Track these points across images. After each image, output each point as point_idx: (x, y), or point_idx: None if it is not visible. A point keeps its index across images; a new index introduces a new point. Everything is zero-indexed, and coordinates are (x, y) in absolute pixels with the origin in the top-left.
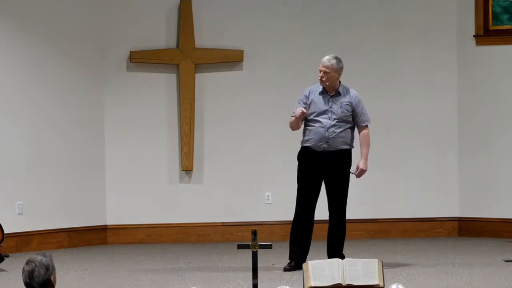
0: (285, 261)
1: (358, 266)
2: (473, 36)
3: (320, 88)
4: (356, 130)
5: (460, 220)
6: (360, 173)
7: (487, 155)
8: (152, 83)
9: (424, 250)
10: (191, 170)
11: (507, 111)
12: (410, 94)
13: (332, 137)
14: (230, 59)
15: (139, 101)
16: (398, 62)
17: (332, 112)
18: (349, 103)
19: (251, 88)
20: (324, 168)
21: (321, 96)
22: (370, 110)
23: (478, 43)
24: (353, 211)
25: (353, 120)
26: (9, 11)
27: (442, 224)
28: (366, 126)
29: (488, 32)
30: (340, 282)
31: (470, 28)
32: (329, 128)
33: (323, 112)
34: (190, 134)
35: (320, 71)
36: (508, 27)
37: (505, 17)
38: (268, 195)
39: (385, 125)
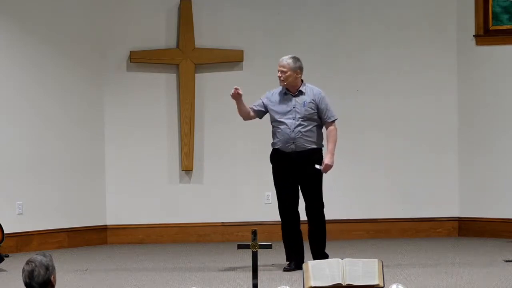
0: (285, 261)
1: (358, 266)
2: (473, 36)
3: (283, 89)
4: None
5: (460, 220)
6: (326, 168)
7: (487, 155)
8: (152, 83)
9: (424, 250)
10: (191, 170)
11: (507, 111)
12: (410, 94)
13: (298, 137)
14: (230, 59)
15: (139, 101)
16: (398, 62)
17: (296, 112)
18: (312, 101)
19: (251, 88)
20: (296, 169)
21: (284, 97)
22: (370, 110)
23: (478, 43)
24: (353, 211)
25: (319, 118)
26: (9, 11)
27: (442, 224)
28: (332, 122)
29: (488, 32)
30: (340, 282)
31: (470, 28)
32: (294, 128)
33: (288, 113)
34: (190, 134)
35: (278, 71)
36: (508, 27)
37: (505, 17)
38: (268, 195)
39: (385, 125)
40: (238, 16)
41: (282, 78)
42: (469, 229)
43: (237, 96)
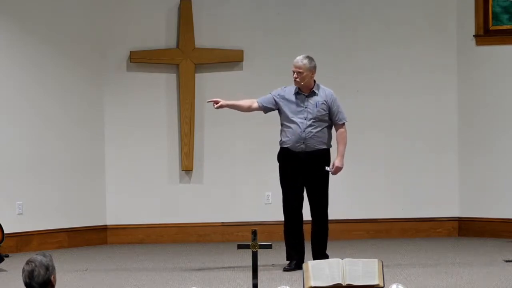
0: (285, 261)
1: (358, 266)
2: (473, 36)
3: (296, 88)
4: (333, 129)
5: (460, 220)
6: (336, 170)
7: (487, 155)
8: (152, 83)
9: (424, 250)
10: (191, 170)
11: (507, 111)
12: (410, 94)
13: (309, 138)
14: (230, 59)
15: (139, 101)
16: (398, 62)
17: (308, 112)
18: (324, 102)
19: (251, 88)
20: (303, 169)
21: (296, 96)
22: (370, 110)
23: (478, 43)
24: (353, 211)
25: (330, 119)
26: (9, 11)
27: (442, 224)
28: (343, 124)
29: (488, 32)
30: (340, 282)
31: (470, 28)
32: (305, 128)
33: (299, 112)
34: (190, 134)
35: (294, 72)
36: (508, 27)
37: (505, 17)
38: (268, 195)
39: (385, 125)
40: (238, 16)
41: (298, 79)
42: (469, 229)
43: (220, 107)
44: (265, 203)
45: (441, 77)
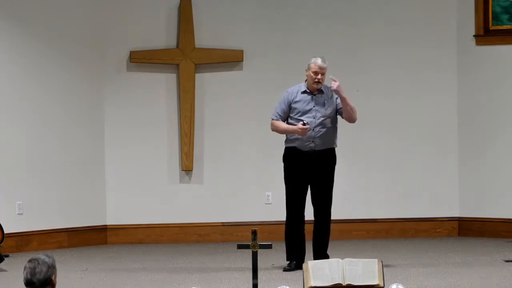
0: (285, 261)
1: (358, 266)
2: (473, 36)
3: (303, 87)
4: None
5: (460, 220)
6: (339, 86)
7: (487, 155)
8: (152, 83)
9: (424, 250)
10: (191, 170)
11: (507, 111)
12: (410, 94)
13: (318, 136)
14: (230, 59)
15: (139, 101)
16: (398, 62)
17: (317, 111)
18: (330, 98)
19: (251, 88)
20: (310, 168)
21: (304, 95)
22: (370, 110)
23: (478, 43)
24: (353, 211)
25: (336, 111)
26: (10, 12)
27: (442, 224)
28: None
29: (488, 32)
30: (340, 282)
31: (470, 28)
32: (315, 127)
33: (308, 112)
34: (190, 134)
35: (317, 73)
36: (508, 27)
37: (505, 17)
38: (268, 195)
39: (385, 125)
40: (238, 16)
41: (321, 81)
42: (469, 229)
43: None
44: (265, 203)
45: (441, 77)
